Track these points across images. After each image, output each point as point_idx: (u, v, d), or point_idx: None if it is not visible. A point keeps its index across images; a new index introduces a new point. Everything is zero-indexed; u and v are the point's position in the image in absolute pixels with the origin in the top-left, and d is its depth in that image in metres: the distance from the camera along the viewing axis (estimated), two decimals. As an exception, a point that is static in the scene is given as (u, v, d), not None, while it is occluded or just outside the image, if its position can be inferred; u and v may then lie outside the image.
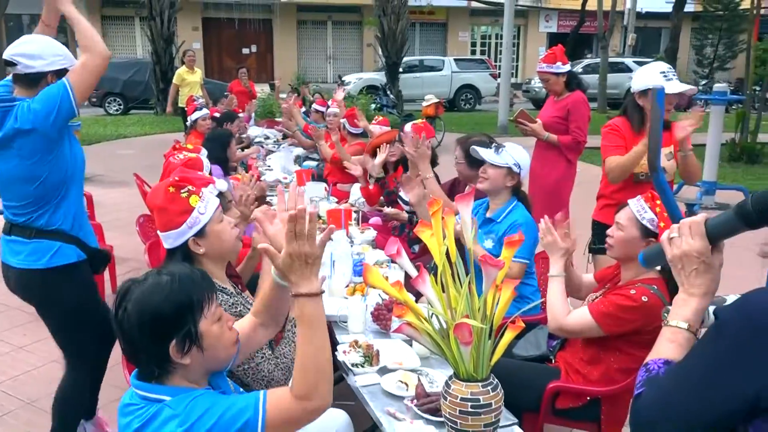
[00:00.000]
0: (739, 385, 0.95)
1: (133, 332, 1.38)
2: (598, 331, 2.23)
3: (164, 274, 1.44)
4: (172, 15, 16.50)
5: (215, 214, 2.07)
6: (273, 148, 7.28)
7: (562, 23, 28.10)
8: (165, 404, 1.37)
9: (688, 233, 1.18)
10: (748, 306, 0.99)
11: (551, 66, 4.18)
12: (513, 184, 2.96)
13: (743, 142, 10.18)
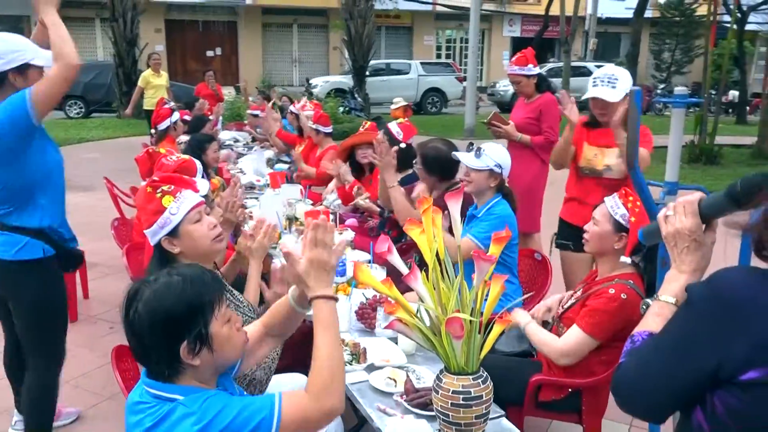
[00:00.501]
0: (704, 357, 1.00)
1: (145, 333, 1.38)
2: (593, 342, 2.28)
3: (175, 274, 1.44)
4: (136, 17, 16.26)
5: (189, 215, 2.08)
6: (243, 151, 7.25)
7: (526, 28, 28.57)
8: (179, 403, 1.37)
9: (681, 212, 1.23)
10: (716, 282, 1.03)
11: (523, 68, 4.22)
12: (496, 183, 3.00)
13: (702, 144, 10.50)
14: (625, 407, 1.17)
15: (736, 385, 0.97)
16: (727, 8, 14.92)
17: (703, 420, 1.04)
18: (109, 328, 4.13)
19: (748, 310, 0.97)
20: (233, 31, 25.77)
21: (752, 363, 0.95)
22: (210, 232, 2.11)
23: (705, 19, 16.45)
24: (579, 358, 2.31)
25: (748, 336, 0.96)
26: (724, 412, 1.00)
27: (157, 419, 1.36)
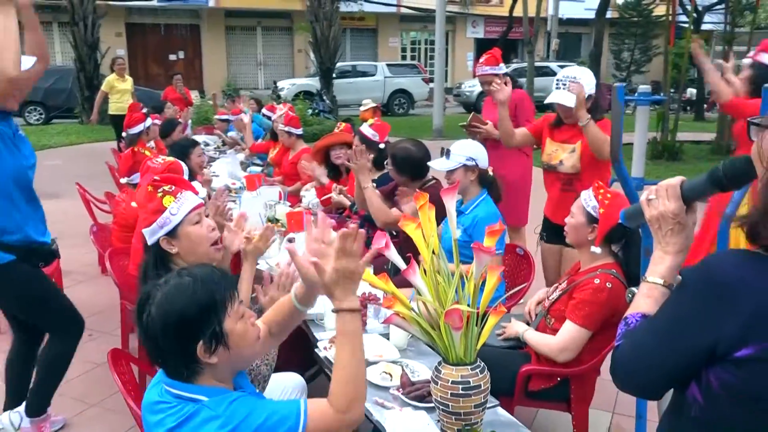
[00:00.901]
0: (699, 336, 1.05)
1: (159, 336, 1.38)
2: (586, 334, 2.36)
3: (186, 275, 1.44)
4: (96, 20, 15.95)
5: (189, 216, 2.10)
6: (215, 155, 7.20)
7: (489, 29, 28.91)
8: (203, 405, 1.37)
9: (664, 195, 1.25)
10: (708, 266, 1.07)
11: (494, 68, 4.23)
12: (475, 176, 3.06)
13: (664, 141, 10.80)
14: (623, 386, 1.21)
15: (730, 361, 1.01)
16: (683, 9, 15.35)
17: (698, 393, 1.08)
18: (88, 335, 4.05)
19: (739, 290, 1.01)
20: (196, 35, 25.46)
21: (745, 340, 0.99)
22: (209, 234, 2.13)
23: (662, 19, 16.89)
24: (576, 351, 2.39)
25: (739, 315, 1.00)
26: (719, 387, 1.04)
27: (181, 420, 1.36)
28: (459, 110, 20.89)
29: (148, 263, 2.13)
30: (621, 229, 2.37)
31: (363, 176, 3.45)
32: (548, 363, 2.43)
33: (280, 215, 3.98)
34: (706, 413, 1.08)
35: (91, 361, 3.68)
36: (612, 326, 2.33)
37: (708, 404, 1.07)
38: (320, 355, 2.34)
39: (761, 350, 0.99)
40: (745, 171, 1.14)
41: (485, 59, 4.30)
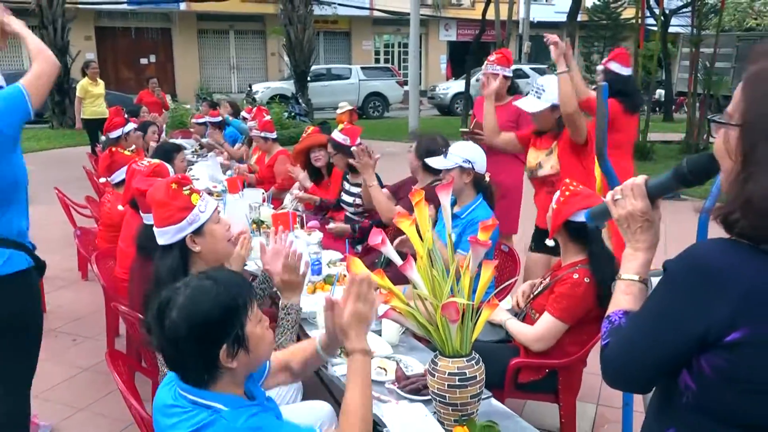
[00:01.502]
0: (690, 325, 1.06)
1: (181, 340, 1.35)
2: (563, 326, 2.44)
3: (205, 279, 1.44)
4: (66, 24, 15.72)
5: (213, 215, 2.15)
6: (192, 158, 7.17)
7: (461, 32, 29.16)
8: (220, 415, 1.36)
9: (631, 195, 1.28)
10: (692, 255, 1.08)
11: (504, 69, 4.06)
12: (470, 179, 3.08)
13: (636, 141, 11.02)
14: (614, 383, 1.23)
15: (721, 347, 1.04)
16: (651, 12, 15.70)
17: (690, 381, 1.10)
18: (72, 340, 4.04)
19: (727, 276, 1.03)
20: (167, 38, 25.20)
21: (735, 325, 1.02)
22: (226, 233, 2.17)
23: (630, 22, 17.22)
24: (551, 342, 2.46)
25: (728, 300, 1.02)
26: (711, 373, 1.06)
27: (196, 427, 1.35)
28: (434, 112, 21.04)
29: (174, 262, 2.07)
30: (579, 226, 2.44)
31: (368, 175, 3.51)
32: (537, 356, 2.50)
33: (264, 217, 4.00)
34: (700, 399, 1.10)
35: (76, 366, 3.66)
36: (595, 319, 2.42)
37: (701, 390, 1.09)
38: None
39: (749, 334, 1.01)
40: (707, 166, 1.18)
41: (497, 58, 4.11)
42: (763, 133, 1.02)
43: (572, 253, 2.54)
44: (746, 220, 1.03)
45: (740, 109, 1.06)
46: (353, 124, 7.52)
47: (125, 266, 3.15)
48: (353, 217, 4.16)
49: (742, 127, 1.05)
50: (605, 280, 2.37)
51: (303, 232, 3.70)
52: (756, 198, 1.01)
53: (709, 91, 11.47)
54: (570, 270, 2.48)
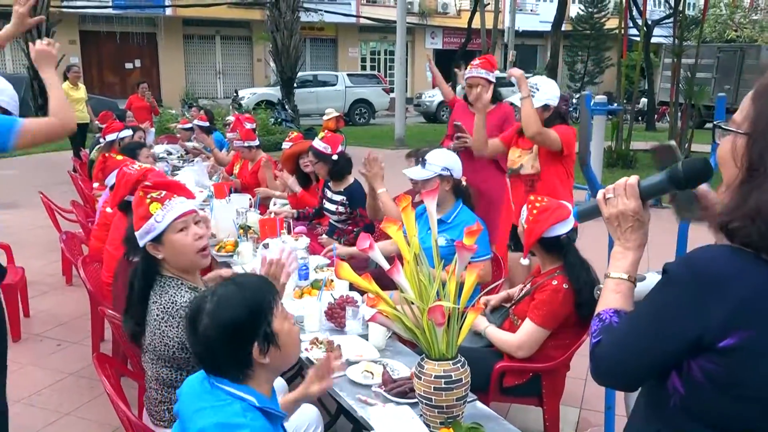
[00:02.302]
0: (684, 330, 1.08)
1: (216, 343, 1.46)
2: (544, 332, 2.48)
3: (230, 284, 1.54)
4: (51, 27, 15.60)
5: (174, 224, 2.12)
6: (178, 164, 7.16)
7: (447, 40, 29.37)
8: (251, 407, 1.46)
9: (623, 194, 1.29)
10: (693, 261, 1.09)
11: (488, 73, 4.06)
12: (450, 186, 3.13)
13: (618, 149, 11.17)
14: (605, 380, 1.24)
15: (714, 351, 1.05)
16: (634, 23, 15.92)
17: (679, 384, 1.12)
18: (56, 345, 4.01)
19: (726, 282, 1.05)
20: (153, 43, 25.08)
21: (730, 330, 1.03)
22: (195, 243, 2.13)
23: (613, 32, 17.46)
24: (534, 348, 2.50)
25: (725, 306, 1.04)
26: (702, 377, 1.08)
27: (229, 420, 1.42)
28: (419, 120, 21.13)
29: (138, 266, 2.15)
30: (553, 241, 2.49)
31: (377, 183, 3.52)
32: (521, 360, 2.54)
33: (251, 222, 4.01)
34: (688, 402, 1.11)
35: (61, 371, 3.64)
36: (575, 324, 2.47)
37: (690, 393, 1.11)
38: (302, 356, 2.39)
39: (743, 339, 1.03)
40: (703, 171, 1.22)
41: (480, 62, 4.13)
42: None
43: (549, 261, 2.59)
44: (754, 229, 1.03)
45: (750, 117, 1.07)
46: (340, 131, 7.55)
47: (111, 269, 3.15)
48: (337, 225, 4.18)
49: (751, 136, 1.07)
50: (582, 286, 2.43)
51: (290, 238, 3.71)
52: (765, 207, 1.02)
53: (691, 100, 11.64)
54: (549, 277, 2.53)
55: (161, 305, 2.05)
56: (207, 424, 1.41)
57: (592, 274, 2.51)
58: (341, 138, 4.27)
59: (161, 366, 2.09)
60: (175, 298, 2.05)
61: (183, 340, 2.02)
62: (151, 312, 2.08)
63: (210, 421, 1.41)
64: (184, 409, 1.50)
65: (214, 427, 1.40)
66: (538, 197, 2.59)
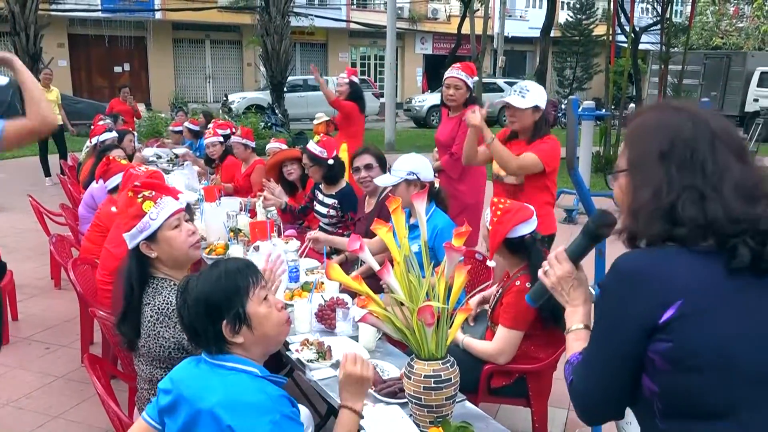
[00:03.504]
0: (629, 320, 1.19)
1: (193, 316, 1.60)
2: (518, 334, 2.52)
3: (214, 268, 1.68)
4: (38, 31, 15.53)
5: (168, 221, 2.15)
6: (168, 167, 7.15)
7: (437, 45, 29.48)
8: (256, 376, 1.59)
9: (555, 262, 1.49)
10: (616, 266, 1.23)
11: (467, 76, 4.12)
12: (417, 190, 3.10)
13: (606, 155, 11.25)
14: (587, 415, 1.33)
15: (660, 330, 1.16)
16: (622, 29, 16.06)
17: (651, 383, 1.19)
18: (44, 348, 4.00)
19: (646, 271, 1.18)
20: (142, 47, 25.00)
21: (664, 306, 1.15)
22: (188, 239, 2.17)
23: (602, 38, 17.59)
24: (513, 351, 2.54)
25: (651, 289, 1.16)
26: (661, 361, 1.16)
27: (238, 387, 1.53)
28: (410, 125, 21.19)
29: (130, 267, 2.16)
30: (517, 241, 2.54)
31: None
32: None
33: (242, 225, 4.02)
34: (665, 398, 1.19)
35: (50, 374, 3.63)
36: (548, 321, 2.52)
37: (662, 387, 1.18)
38: (292, 357, 2.41)
39: (677, 308, 1.14)
40: (607, 218, 1.44)
41: (462, 65, 4.21)
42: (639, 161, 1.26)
43: (515, 263, 2.62)
44: (639, 227, 1.22)
45: (626, 155, 1.30)
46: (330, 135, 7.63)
47: (107, 268, 3.16)
48: (327, 228, 4.20)
49: (628, 169, 1.28)
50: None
51: (280, 241, 3.73)
52: (641, 206, 1.22)
53: (678, 106, 11.76)
54: (513, 278, 2.58)
55: (155, 306, 2.06)
56: (219, 398, 1.49)
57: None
58: (336, 142, 4.30)
59: (155, 367, 2.10)
60: (169, 298, 2.07)
61: (179, 340, 2.03)
62: (144, 314, 2.09)
63: (222, 395, 1.49)
64: (186, 393, 1.55)
65: (227, 401, 1.48)
66: (501, 199, 2.63)
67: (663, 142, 1.23)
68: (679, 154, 1.21)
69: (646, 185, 1.23)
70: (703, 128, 1.22)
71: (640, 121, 1.31)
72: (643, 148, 1.26)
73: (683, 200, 1.18)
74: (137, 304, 2.11)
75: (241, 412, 1.47)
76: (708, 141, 1.21)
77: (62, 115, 9.67)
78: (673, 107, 1.29)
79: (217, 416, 1.47)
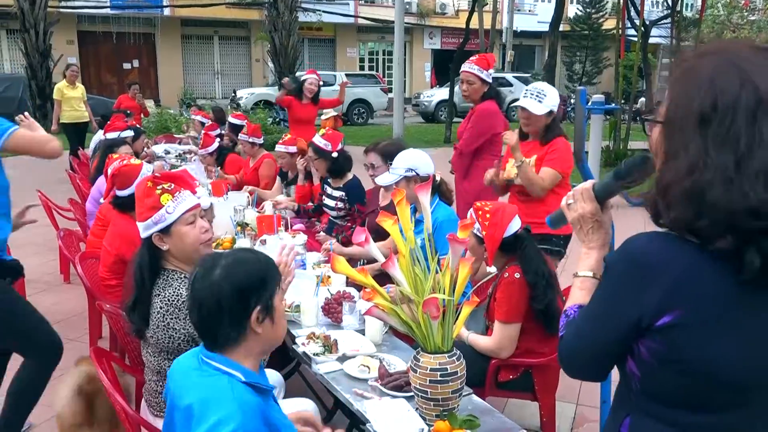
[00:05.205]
0: (625, 311, 1.15)
1: (224, 297, 1.51)
2: (514, 326, 2.52)
3: (244, 252, 1.67)
4: (48, 27, 15.62)
5: (184, 216, 2.15)
6: (176, 163, 7.17)
7: (445, 40, 29.39)
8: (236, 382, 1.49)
9: (581, 198, 1.39)
10: (628, 248, 1.17)
11: (482, 71, 3.98)
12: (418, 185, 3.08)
13: (616, 149, 11.19)
14: (570, 371, 1.32)
15: (654, 331, 1.13)
16: (632, 23, 15.93)
17: (634, 367, 1.19)
18: (53, 342, 4.01)
19: (656, 266, 1.12)
20: (151, 43, 25.09)
21: (665, 310, 1.11)
22: (201, 236, 2.17)
23: (611, 32, 17.46)
24: (512, 345, 2.55)
25: (658, 288, 1.11)
26: (648, 355, 1.15)
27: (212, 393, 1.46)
28: (418, 120, 21.15)
29: (142, 256, 2.16)
30: (511, 241, 2.54)
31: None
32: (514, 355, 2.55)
33: (249, 219, 4.02)
34: (645, 384, 1.18)
35: (58, 368, 3.62)
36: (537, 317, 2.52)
37: (644, 375, 1.18)
38: (298, 351, 2.40)
39: (676, 317, 1.10)
40: (642, 164, 1.31)
41: (477, 59, 4.06)
42: (677, 120, 1.11)
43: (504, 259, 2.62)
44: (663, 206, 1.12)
45: (665, 104, 1.15)
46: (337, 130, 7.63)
47: (105, 264, 3.17)
48: (336, 221, 4.20)
49: (663, 123, 1.15)
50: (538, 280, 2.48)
51: (287, 235, 3.72)
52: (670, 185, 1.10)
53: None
54: (501, 272, 2.58)
55: (165, 298, 2.07)
56: (194, 399, 1.45)
57: (548, 266, 2.58)
58: (341, 136, 4.30)
59: (163, 359, 2.10)
60: (180, 290, 2.07)
61: (189, 333, 2.03)
62: (154, 305, 2.09)
63: (196, 396, 1.45)
64: (173, 387, 1.55)
65: (199, 402, 1.44)
66: (480, 202, 2.62)
67: (705, 102, 1.07)
68: (719, 123, 1.05)
69: (681, 156, 1.09)
70: (750, 92, 1.05)
71: (691, 65, 1.13)
72: (685, 103, 1.10)
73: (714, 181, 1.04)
74: (147, 293, 2.12)
75: (206, 417, 1.42)
76: (750, 109, 1.05)
77: (88, 111, 9.72)
78: (729, 59, 1.09)
79: (189, 415, 1.46)
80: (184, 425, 1.47)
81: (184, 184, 2.21)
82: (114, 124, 5.92)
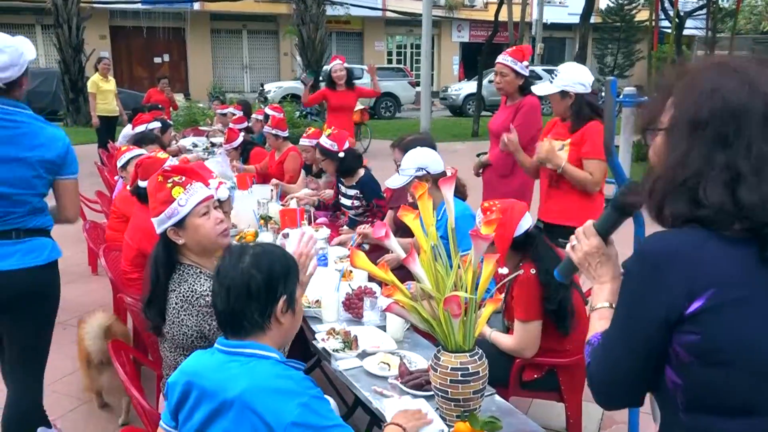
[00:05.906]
0: (652, 310, 1.11)
1: (253, 283, 1.55)
2: (535, 324, 2.46)
3: (269, 245, 1.73)
4: (81, 23, 15.85)
5: (197, 208, 2.12)
6: (204, 156, 7.21)
7: (474, 33, 29.12)
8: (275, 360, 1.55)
9: (583, 237, 1.42)
10: (642, 250, 1.16)
11: (516, 62, 3.86)
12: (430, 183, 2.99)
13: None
14: (605, 403, 1.27)
15: (685, 321, 1.08)
16: (665, 14, 15.58)
17: (675, 375, 1.12)
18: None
19: (671, 256, 1.09)
20: (181, 38, 25.35)
21: (692, 296, 1.07)
22: (216, 227, 2.14)
23: (644, 24, 17.10)
24: (536, 343, 2.48)
25: (678, 276, 1.08)
26: (686, 353, 1.09)
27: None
28: (446, 113, 21.02)
29: (157, 251, 2.15)
30: (522, 240, 2.48)
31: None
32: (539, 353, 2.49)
33: (272, 213, 4.01)
34: (688, 392, 1.12)
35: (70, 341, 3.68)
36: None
37: (686, 381, 1.11)
38: (318, 347, 2.37)
39: (708, 299, 1.06)
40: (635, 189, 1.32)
41: (512, 50, 3.96)
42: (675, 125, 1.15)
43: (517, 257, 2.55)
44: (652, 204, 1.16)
45: (669, 114, 1.18)
46: (365, 124, 7.53)
47: (127, 258, 3.18)
48: (356, 219, 4.16)
49: (667, 129, 1.17)
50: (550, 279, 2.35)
51: (310, 228, 3.70)
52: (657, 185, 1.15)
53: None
54: (517, 270, 2.51)
55: (180, 294, 2.05)
56: (245, 386, 1.46)
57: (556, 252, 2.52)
58: (348, 135, 4.27)
59: (179, 354, 2.09)
60: (194, 286, 2.05)
61: (202, 329, 2.01)
62: (169, 300, 2.07)
63: (247, 382, 1.46)
64: (207, 383, 1.52)
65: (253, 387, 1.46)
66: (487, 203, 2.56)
67: (702, 110, 1.11)
68: (720, 127, 1.09)
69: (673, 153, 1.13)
70: (759, 100, 1.09)
71: (691, 79, 1.18)
72: (685, 111, 1.14)
73: (709, 180, 1.08)
74: (163, 289, 2.10)
75: (269, 398, 1.43)
76: (760, 115, 1.08)
77: (118, 105, 9.84)
78: (732, 68, 1.14)
79: (244, 404, 1.44)
80: (238, 415, 1.45)
81: (196, 176, 2.18)
82: (141, 118, 5.94)
